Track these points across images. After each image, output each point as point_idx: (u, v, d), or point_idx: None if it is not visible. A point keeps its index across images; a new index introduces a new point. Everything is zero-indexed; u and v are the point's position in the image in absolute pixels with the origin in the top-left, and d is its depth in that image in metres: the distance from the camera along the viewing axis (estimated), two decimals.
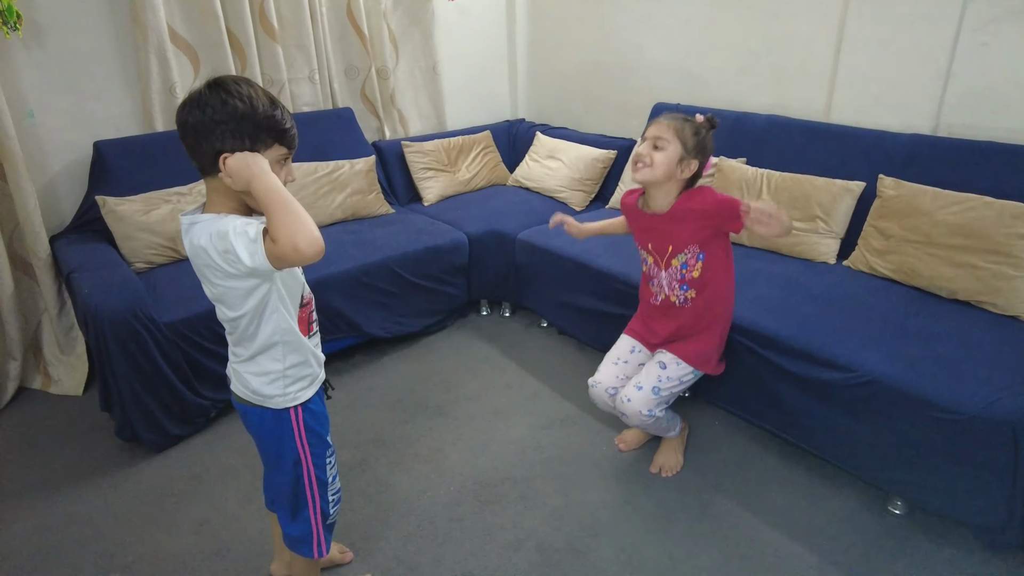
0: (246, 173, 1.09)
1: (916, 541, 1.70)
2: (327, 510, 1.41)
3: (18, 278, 2.44)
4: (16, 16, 2.21)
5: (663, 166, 1.68)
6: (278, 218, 1.05)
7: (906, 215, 2.09)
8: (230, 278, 1.14)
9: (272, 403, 1.29)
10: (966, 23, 2.11)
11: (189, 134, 1.12)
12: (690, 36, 2.96)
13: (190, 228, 1.16)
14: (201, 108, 1.10)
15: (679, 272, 1.81)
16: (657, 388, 1.81)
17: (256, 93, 1.13)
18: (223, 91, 1.10)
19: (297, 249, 1.04)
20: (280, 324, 1.24)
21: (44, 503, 1.92)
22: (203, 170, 1.16)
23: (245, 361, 1.28)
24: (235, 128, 1.11)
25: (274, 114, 1.14)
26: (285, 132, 1.17)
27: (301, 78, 3.01)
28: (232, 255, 1.08)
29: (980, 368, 1.63)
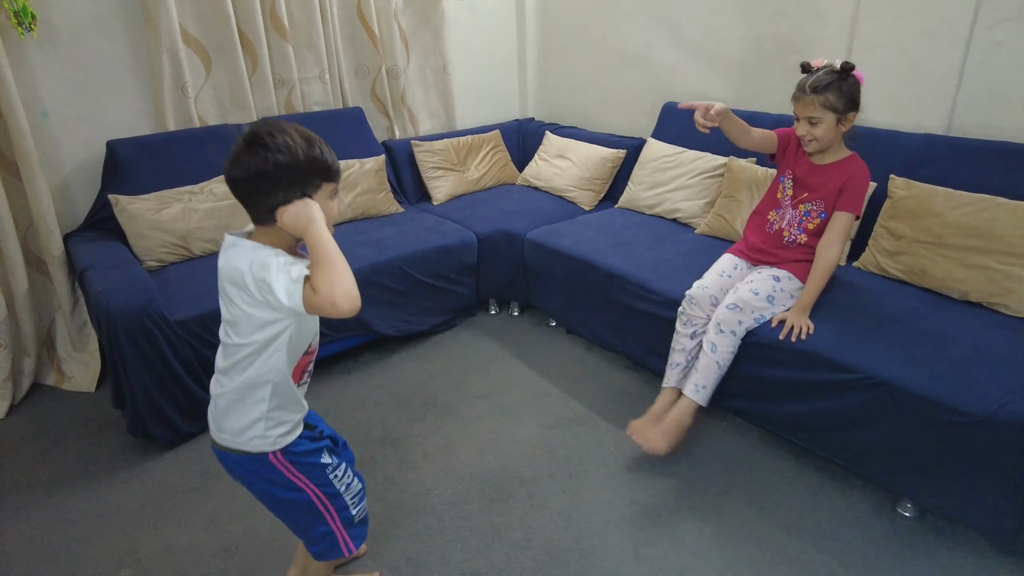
0: (300, 224, 1.14)
1: (926, 544, 1.69)
2: (349, 515, 1.40)
3: (32, 276, 2.47)
4: (31, 17, 2.24)
5: (827, 136, 1.90)
6: (323, 270, 1.10)
7: (918, 216, 2.07)
8: (255, 306, 1.17)
9: (251, 445, 1.27)
10: (980, 22, 2.09)
11: (239, 190, 1.17)
12: (700, 35, 2.95)
13: (231, 248, 1.19)
14: (245, 167, 1.13)
15: (800, 216, 2.03)
16: (772, 297, 1.96)
17: (293, 139, 1.15)
18: (261, 147, 1.13)
19: (334, 304, 1.09)
20: (278, 364, 1.24)
21: (57, 498, 1.95)
22: (257, 220, 1.20)
23: (228, 393, 1.26)
24: (282, 180, 1.14)
25: (315, 156, 1.17)
26: (329, 169, 1.20)
27: (312, 78, 3.03)
28: (266, 287, 1.11)
29: (992, 371, 1.62)
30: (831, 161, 1.98)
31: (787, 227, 2.07)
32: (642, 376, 2.48)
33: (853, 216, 1.95)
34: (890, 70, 2.34)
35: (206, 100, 2.79)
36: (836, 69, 1.86)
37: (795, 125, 1.97)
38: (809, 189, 2.01)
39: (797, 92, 1.91)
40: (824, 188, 1.97)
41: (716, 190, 2.67)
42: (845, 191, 1.93)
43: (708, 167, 2.71)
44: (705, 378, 1.98)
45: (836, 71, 1.86)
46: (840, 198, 1.94)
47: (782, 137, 2.11)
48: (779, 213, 2.09)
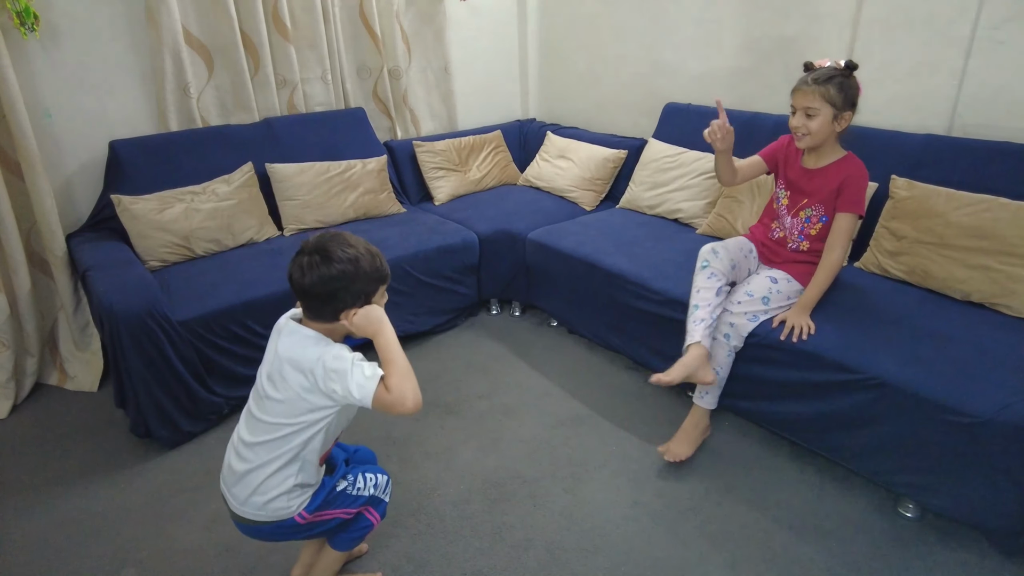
0: (370, 328, 1.28)
1: (928, 545, 1.69)
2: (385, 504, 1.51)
3: (35, 276, 2.48)
4: (33, 17, 2.24)
5: (822, 131, 1.88)
6: (397, 372, 1.24)
7: (919, 216, 2.07)
8: (313, 392, 1.26)
9: (276, 515, 1.35)
10: (982, 22, 2.10)
11: (308, 295, 1.28)
12: (702, 36, 2.95)
13: (293, 334, 1.30)
14: (316, 277, 1.25)
15: (801, 223, 2.02)
16: (767, 298, 1.96)
17: (359, 252, 1.28)
18: (333, 261, 1.25)
19: (404, 404, 1.22)
20: (312, 447, 1.32)
21: (59, 498, 1.95)
22: (318, 319, 1.31)
23: (256, 469, 1.32)
24: (352, 290, 1.27)
25: (377, 267, 1.31)
26: (386, 276, 1.34)
27: (314, 78, 3.03)
28: (340, 377, 1.22)
29: (994, 371, 1.62)
30: (826, 163, 1.96)
31: (789, 235, 2.07)
32: (644, 376, 2.48)
33: (855, 216, 1.92)
34: (892, 70, 2.34)
35: (208, 100, 2.79)
36: (840, 67, 1.86)
37: (790, 119, 1.94)
38: (807, 194, 1.99)
39: (798, 84, 1.89)
40: (822, 191, 1.95)
41: (717, 191, 2.67)
42: (843, 191, 1.91)
43: (709, 168, 2.71)
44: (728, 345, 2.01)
45: (840, 68, 1.86)
46: (839, 199, 1.92)
47: (768, 156, 2.13)
48: (779, 222, 2.11)
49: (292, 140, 2.89)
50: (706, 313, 1.92)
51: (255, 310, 2.22)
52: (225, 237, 2.56)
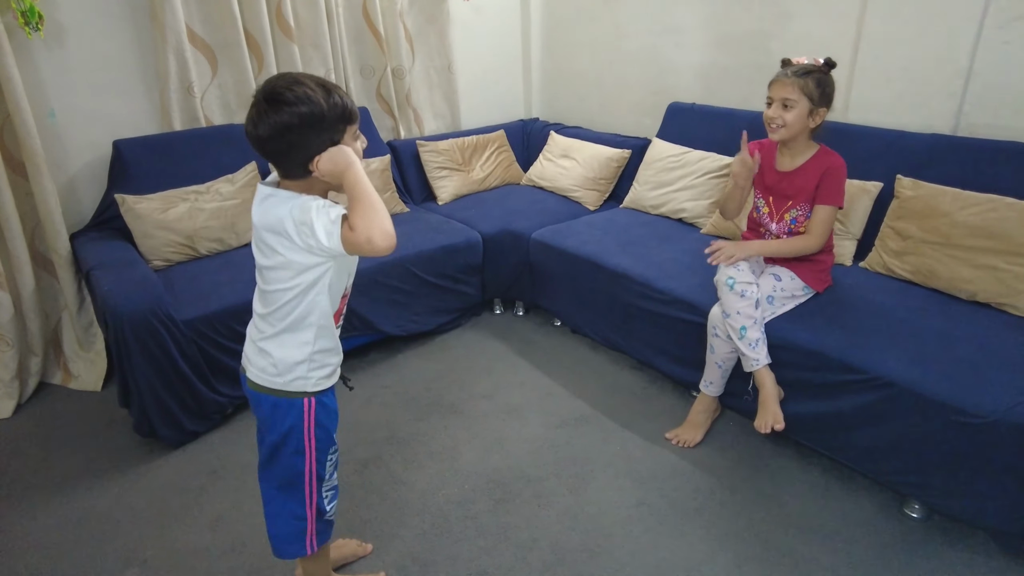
0: (338, 169, 1.17)
1: (933, 545, 1.69)
2: (323, 506, 1.42)
3: (39, 275, 2.48)
4: (38, 17, 2.24)
5: (797, 123, 1.87)
6: (360, 209, 1.13)
7: (925, 216, 2.06)
8: (296, 251, 1.19)
9: (293, 386, 1.30)
10: (988, 21, 2.09)
11: (267, 148, 1.18)
12: (705, 35, 2.95)
13: (268, 198, 1.21)
14: (270, 125, 1.14)
15: (788, 225, 2.02)
16: (771, 297, 1.95)
17: (312, 89, 1.15)
18: (283, 103, 1.13)
19: (371, 240, 1.11)
20: (321, 307, 1.27)
21: (63, 497, 1.95)
22: (291, 175, 1.22)
23: (271, 337, 1.28)
24: (310, 132, 1.16)
25: (336, 102, 1.18)
26: (351, 114, 1.22)
27: None
28: (308, 228, 1.14)
29: (1001, 371, 1.61)
30: (802, 161, 1.96)
31: (778, 235, 2.06)
32: (648, 376, 2.48)
33: (834, 208, 1.93)
34: (897, 69, 2.33)
35: (212, 100, 2.79)
36: (819, 63, 1.88)
37: (766, 110, 1.93)
38: (790, 196, 1.99)
39: (777, 76, 1.90)
40: (805, 190, 1.95)
41: (722, 190, 2.67)
42: (822, 184, 1.92)
43: (713, 167, 2.71)
44: (711, 375, 2.05)
45: (819, 65, 1.88)
46: (818, 192, 1.93)
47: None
48: (764, 229, 2.10)
49: None
50: (757, 332, 1.88)
51: None
52: (229, 236, 2.56)
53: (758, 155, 2.02)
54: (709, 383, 2.07)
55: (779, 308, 1.98)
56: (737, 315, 1.89)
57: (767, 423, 1.84)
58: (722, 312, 1.94)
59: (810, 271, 2.02)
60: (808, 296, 2.03)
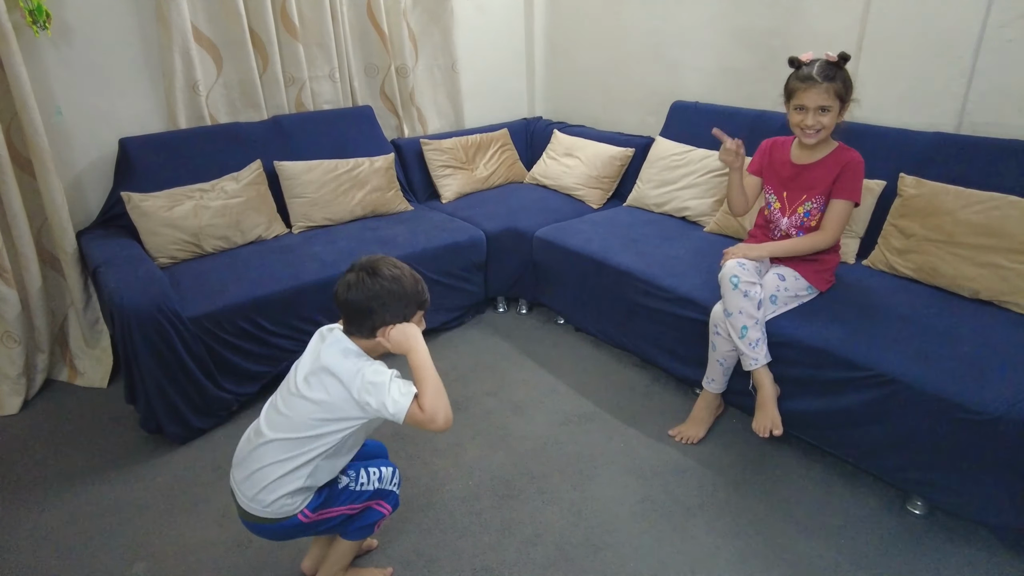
0: (407, 345, 1.33)
1: (936, 542, 1.70)
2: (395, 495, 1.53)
3: (46, 272, 2.49)
4: (45, 15, 2.26)
5: (832, 125, 1.90)
6: (430, 391, 1.27)
7: (928, 214, 2.07)
8: (346, 401, 1.30)
9: (280, 513, 1.36)
10: (991, 19, 2.09)
11: (351, 311, 1.34)
12: (709, 34, 2.95)
13: (337, 343, 1.35)
14: (363, 292, 1.32)
15: (800, 219, 2.02)
16: (775, 296, 1.95)
17: (404, 275, 1.36)
18: (380, 278, 1.33)
19: (435, 422, 1.26)
20: (329, 454, 1.35)
21: (70, 493, 1.97)
22: (355, 333, 1.37)
23: (270, 466, 1.33)
24: (392, 307, 1.34)
25: (419, 290, 1.38)
26: (426, 302, 1.41)
27: (321, 76, 3.04)
28: (374, 389, 1.26)
29: (1003, 369, 1.62)
30: (821, 156, 1.98)
31: (788, 232, 2.09)
32: (651, 373, 2.48)
33: (851, 204, 1.95)
34: (901, 67, 2.33)
35: (217, 98, 2.81)
36: (834, 60, 1.86)
37: (797, 117, 1.91)
38: (806, 189, 2.01)
39: (803, 83, 1.86)
40: (823, 182, 1.97)
41: (725, 188, 2.67)
42: (841, 178, 1.93)
43: (717, 165, 2.71)
44: (713, 372, 2.06)
45: (834, 61, 1.86)
46: (836, 185, 1.94)
47: (756, 170, 2.15)
48: (774, 225, 2.12)
49: (300, 138, 2.90)
50: (758, 332, 1.89)
51: (264, 307, 2.23)
52: (234, 234, 2.57)
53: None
54: (711, 380, 2.08)
55: (782, 308, 1.98)
56: (739, 314, 1.89)
57: (765, 427, 1.85)
58: (724, 310, 1.94)
59: (815, 271, 2.02)
60: (812, 296, 2.04)
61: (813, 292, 2.03)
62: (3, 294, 2.33)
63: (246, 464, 1.37)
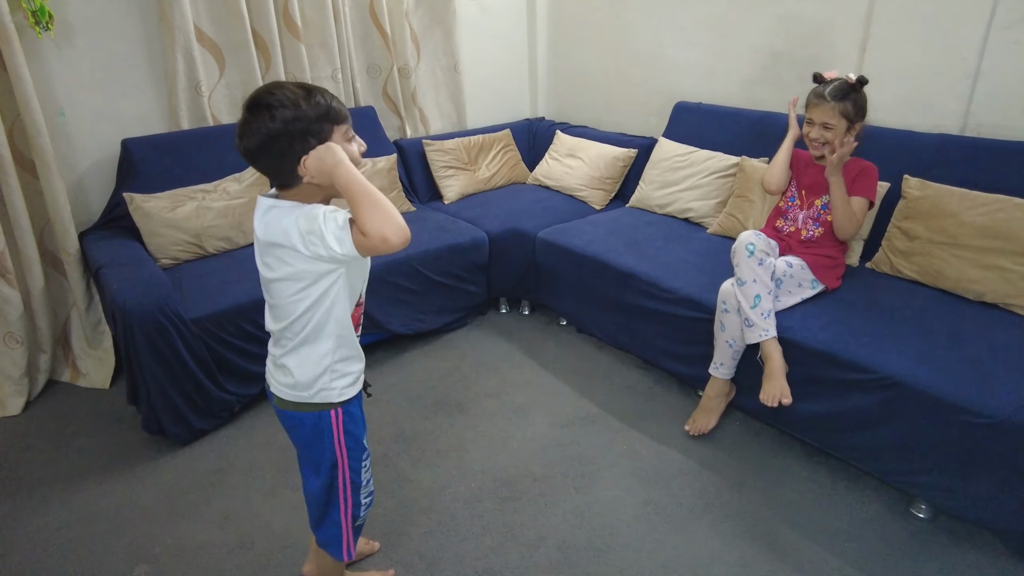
0: (327, 167, 1.13)
1: (940, 546, 1.69)
2: (357, 512, 1.42)
3: (48, 273, 2.49)
4: (48, 16, 2.26)
5: (837, 141, 1.96)
6: (364, 210, 1.09)
7: (932, 216, 2.06)
8: (303, 260, 1.16)
9: (319, 398, 1.29)
10: (996, 20, 2.08)
11: (258, 159, 1.17)
12: (712, 34, 2.95)
13: (270, 209, 1.18)
14: (255, 132, 1.13)
15: (817, 211, 2.10)
16: (779, 280, 1.97)
17: (291, 91, 1.14)
18: (264, 108, 1.12)
19: (386, 240, 1.09)
20: (339, 315, 1.25)
21: (72, 494, 1.96)
22: (284, 185, 1.20)
23: (290, 352, 1.27)
24: (293, 134, 1.13)
25: (318, 102, 1.16)
26: (336, 111, 1.19)
27: (324, 77, 3.04)
28: (317, 237, 1.10)
29: (1008, 372, 1.61)
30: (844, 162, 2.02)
31: (802, 225, 2.12)
32: (653, 375, 2.48)
33: (867, 201, 2.02)
34: (905, 69, 2.33)
35: (220, 99, 2.80)
36: (852, 81, 1.95)
37: (806, 128, 2.04)
38: (824, 188, 2.06)
39: (814, 99, 1.99)
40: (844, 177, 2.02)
41: (728, 190, 2.67)
42: (859, 179, 2.03)
43: (720, 167, 2.71)
44: (722, 356, 2.06)
45: (852, 83, 1.95)
46: (854, 185, 2.03)
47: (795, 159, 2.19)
48: (789, 217, 2.16)
49: None
50: (770, 302, 1.92)
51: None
52: (236, 235, 2.57)
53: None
54: (719, 365, 2.07)
55: (785, 296, 1.99)
56: (753, 283, 1.91)
57: (774, 396, 1.85)
58: (736, 280, 1.95)
59: (825, 266, 2.04)
60: (816, 291, 2.04)
61: (818, 287, 2.04)
62: (6, 295, 2.33)
63: (274, 358, 1.31)
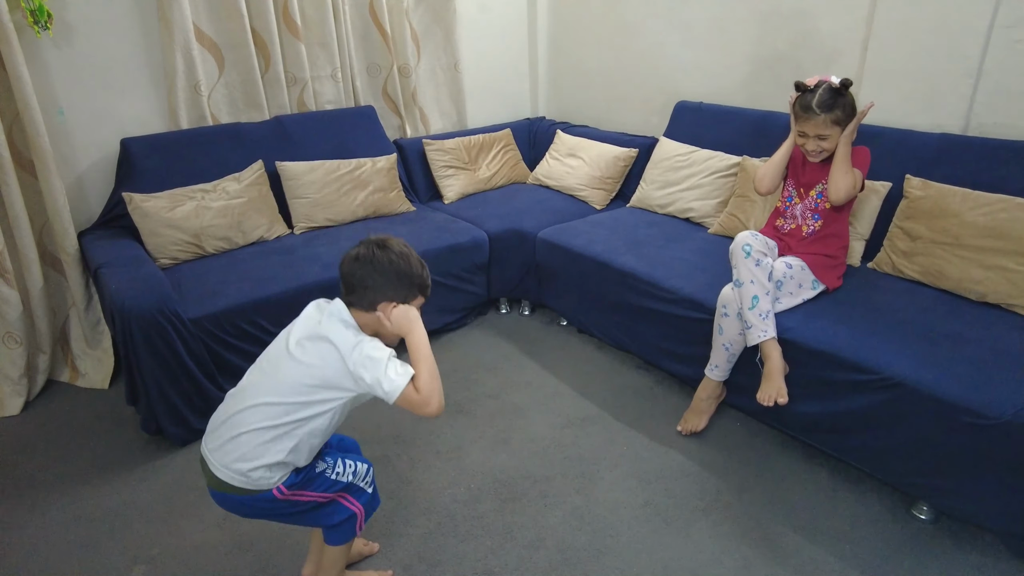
0: (406, 325, 1.34)
1: (942, 547, 1.68)
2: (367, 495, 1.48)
3: (47, 273, 2.49)
4: (47, 16, 2.25)
5: (834, 145, 1.97)
6: (427, 374, 1.28)
7: (934, 216, 2.05)
8: (340, 372, 1.27)
9: (256, 485, 1.31)
10: (999, 20, 2.07)
11: (356, 282, 1.34)
12: (713, 34, 2.94)
13: (337, 315, 1.33)
14: (371, 265, 1.33)
15: (813, 201, 2.07)
16: (780, 282, 1.96)
17: (411, 254, 1.38)
18: (390, 252, 1.34)
19: (429, 405, 1.26)
20: (315, 428, 1.32)
21: (71, 494, 1.96)
22: (353, 305, 1.36)
23: (253, 432, 1.28)
24: (395, 284, 1.35)
25: (423, 274, 1.39)
26: (427, 288, 1.42)
27: (324, 76, 3.03)
28: (371, 369, 1.25)
29: (1011, 372, 1.60)
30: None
31: (802, 220, 2.10)
32: (654, 376, 2.47)
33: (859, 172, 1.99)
34: (907, 68, 2.32)
35: (219, 98, 2.80)
36: (836, 86, 1.92)
37: (800, 140, 2.02)
38: (818, 179, 2.07)
39: (803, 112, 1.96)
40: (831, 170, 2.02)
41: (729, 189, 2.66)
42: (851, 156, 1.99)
43: (721, 166, 2.70)
44: (718, 358, 2.05)
45: (836, 88, 1.92)
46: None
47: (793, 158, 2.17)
48: (789, 214, 2.14)
49: (302, 138, 2.89)
50: (769, 303, 1.90)
51: (266, 308, 2.22)
52: (235, 235, 2.56)
53: None
54: (715, 367, 2.07)
55: (785, 297, 1.98)
56: (751, 284, 1.90)
57: (770, 396, 1.84)
58: (734, 282, 1.95)
59: (825, 266, 2.03)
60: (817, 291, 2.03)
61: (819, 288, 2.03)
62: (5, 295, 2.33)
63: (222, 431, 1.32)
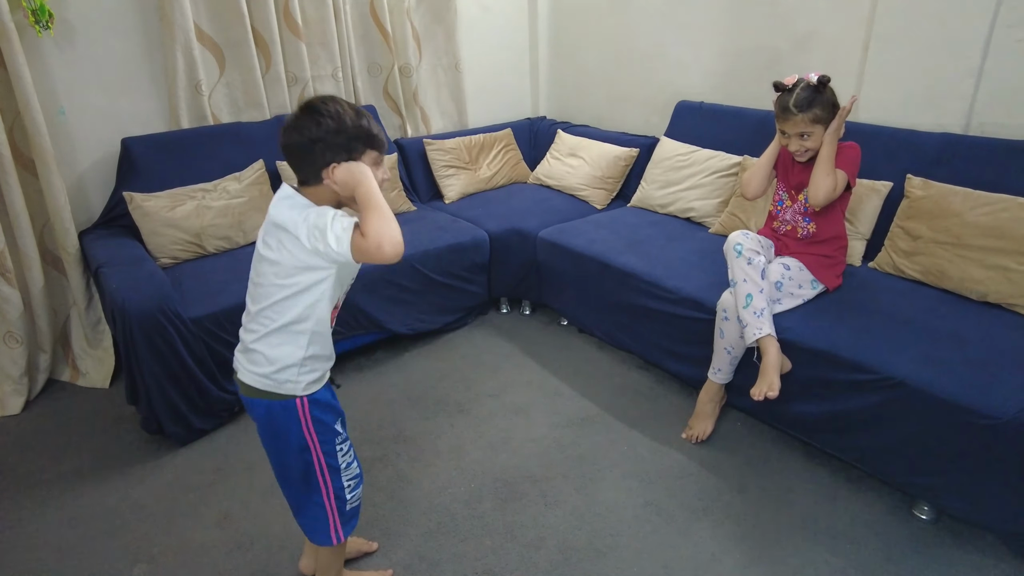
0: (352, 180, 1.25)
1: (943, 547, 1.68)
2: (342, 494, 1.43)
3: (48, 272, 2.49)
4: (48, 15, 2.25)
5: (818, 143, 1.94)
6: (371, 217, 1.20)
7: (935, 216, 2.05)
8: (300, 250, 1.23)
9: (283, 388, 1.31)
10: (1000, 19, 2.07)
11: (293, 154, 1.28)
12: (714, 33, 2.94)
13: (287, 198, 1.28)
14: (299, 131, 1.25)
15: (803, 205, 2.05)
16: (780, 283, 1.96)
17: (343, 108, 1.27)
18: (316, 114, 1.24)
19: (380, 246, 1.18)
20: (318, 313, 1.29)
21: (71, 494, 1.96)
22: (305, 182, 1.30)
23: (263, 337, 1.30)
24: (333, 144, 1.25)
25: (361, 124, 1.28)
26: (374, 137, 1.31)
27: (324, 76, 3.03)
28: (319, 232, 1.19)
29: (1012, 373, 1.60)
30: None
31: (793, 222, 2.09)
32: (655, 375, 2.47)
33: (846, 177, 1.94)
34: (908, 68, 2.31)
35: (220, 98, 2.80)
36: (813, 84, 1.90)
37: (784, 141, 2.00)
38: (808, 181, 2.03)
39: (782, 113, 1.95)
40: None
41: (730, 189, 2.66)
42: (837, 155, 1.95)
43: (722, 166, 2.70)
44: (720, 362, 2.05)
45: (814, 85, 1.90)
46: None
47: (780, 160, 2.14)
48: (781, 217, 2.13)
49: None
50: (763, 301, 1.89)
51: None
52: (236, 234, 2.56)
53: None
54: (717, 370, 2.07)
55: (786, 299, 1.98)
56: (744, 282, 1.89)
57: (761, 391, 1.81)
58: (729, 282, 1.95)
59: (821, 265, 2.02)
60: (817, 292, 2.03)
61: (818, 288, 2.02)
62: (5, 294, 2.33)
63: (244, 343, 1.34)
